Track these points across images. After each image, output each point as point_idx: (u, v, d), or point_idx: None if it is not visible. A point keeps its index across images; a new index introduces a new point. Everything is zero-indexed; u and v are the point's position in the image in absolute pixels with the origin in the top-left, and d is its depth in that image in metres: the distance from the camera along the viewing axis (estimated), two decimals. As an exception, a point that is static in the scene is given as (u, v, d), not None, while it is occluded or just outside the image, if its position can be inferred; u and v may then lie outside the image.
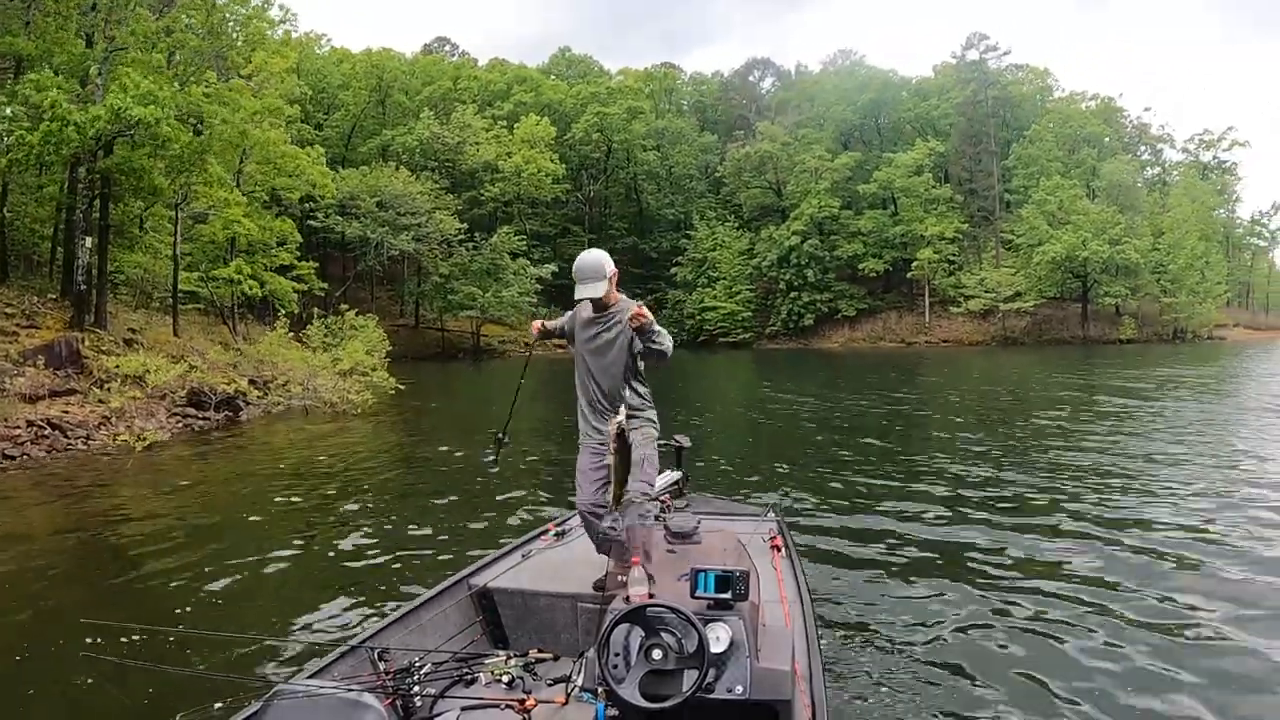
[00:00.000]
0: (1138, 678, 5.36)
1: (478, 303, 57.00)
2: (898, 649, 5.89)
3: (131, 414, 17.63)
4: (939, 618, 6.48)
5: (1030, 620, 6.35)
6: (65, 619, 6.87)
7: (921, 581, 7.36)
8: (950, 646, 5.92)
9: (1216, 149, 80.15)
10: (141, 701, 5.19)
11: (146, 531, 9.88)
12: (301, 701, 3.10)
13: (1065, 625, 6.23)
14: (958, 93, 71.99)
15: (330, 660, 4.07)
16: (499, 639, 5.09)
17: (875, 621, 6.44)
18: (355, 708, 3.06)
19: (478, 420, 21.59)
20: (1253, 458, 13.20)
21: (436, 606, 4.93)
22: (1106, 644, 5.89)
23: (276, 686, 3.24)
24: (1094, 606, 6.56)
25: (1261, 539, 8.42)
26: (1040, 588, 7.06)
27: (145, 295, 28.41)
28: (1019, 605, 6.65)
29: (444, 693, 3.91)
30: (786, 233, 69.54)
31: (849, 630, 6.27)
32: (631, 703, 3.24)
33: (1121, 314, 64.89)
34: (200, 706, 4.73)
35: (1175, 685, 5.24)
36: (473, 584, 5.21)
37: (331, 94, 66.65)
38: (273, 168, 34.02)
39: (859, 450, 15.11)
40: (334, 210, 50.27)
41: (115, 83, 18.96)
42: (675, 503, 6.68)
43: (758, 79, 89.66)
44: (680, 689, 3.24)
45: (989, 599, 6.85)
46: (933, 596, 6.98)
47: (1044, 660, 5.66)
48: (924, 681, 5.40)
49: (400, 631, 4.55)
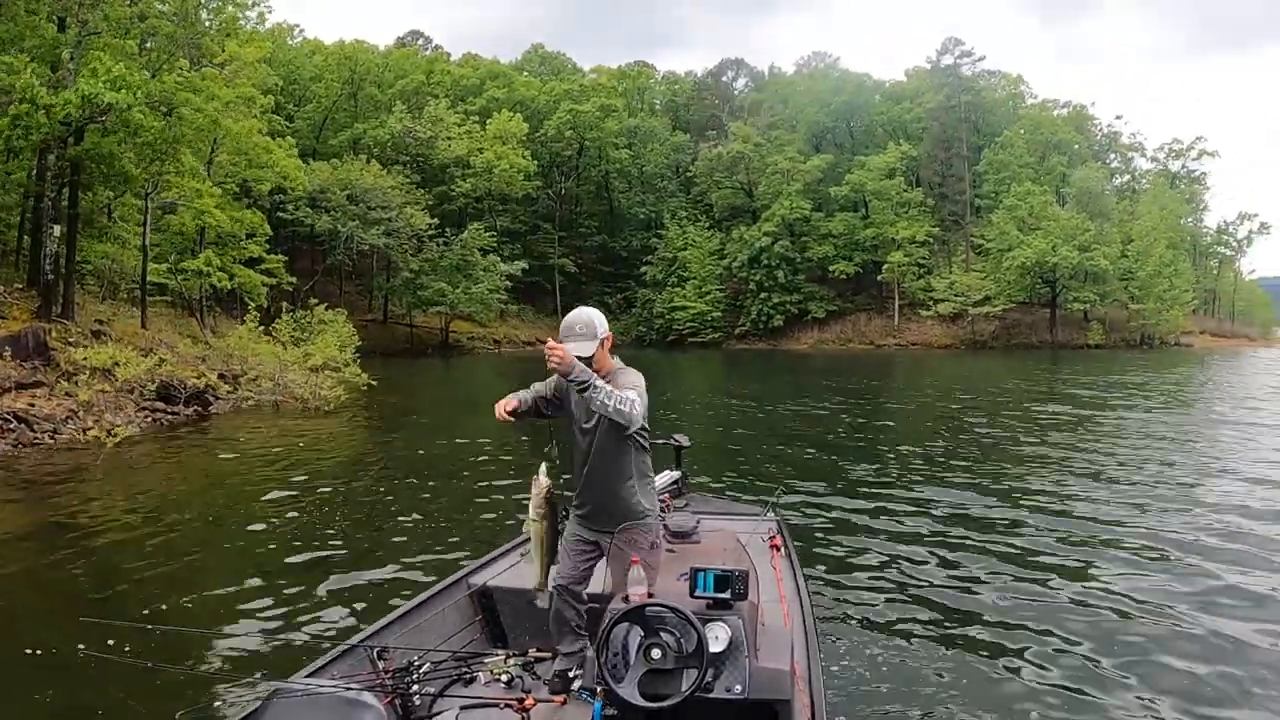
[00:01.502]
0: (1137, 678, 5.39)
1: (447, 299, 56.48)
2: (897, 648, 5.92)
3: (100, 408, 17.26)
4: (939, 617, 6.52)
5: (1030, 620, 6.37)
6: (61, 618, 6.77)
7: (921, 581, 7.40)
8: (950, 646, 5.95)
9: (1185, 158, 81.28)
10: (141, 701, 5.11)
11: (125, 528, 9.69)
12: (300, 700, 3.10)
13: (1065, 625, 6.25)
14: (931, 97, 72.25)
15: (329, 659, 4.07)
16: (498, 638, 5.13)
17: (874, 621, 6.47)
18: (354, 707, 3.05)
19: (451, 418, 21.57)
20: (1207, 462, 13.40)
21: (435, 605, 4.94)
22: (1106, 644, 5.91)
23: (275, 686, 3.26)
24: (1094, 606, 6.61)
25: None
26: (1040, 588, 7.12)
27: (113, 286, 27.91)
28: (1019, 605, 6.69)
29: (443, 692, 3.93)
30: (757, 233, 69.47)
31: (848, 629, 6.29)
32: (630, 702, 3.26)
33: (1090, 320, 65.52)
34: (200, 705, 4.84)
35: (1176, 687, 5.27)
36: (472, 583, 5.24)
37: (303, 85, 65.76)
38: (244, 159, 33.54)
39: (853, 452, 15.08)
40: (304, 203, 49.65)
41: (87, 67, 18.56)
42: (675, 502, 6.69)
43: (731, 79, 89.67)
44: (679, 688, 3.26)
45: (989, 599, 6.89)
46: (933, 596, 7.01)
47: (1044, 660, 5.68)
48: (923, 681, 5.43)
49: (399, 630, 4.55)
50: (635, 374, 4.17)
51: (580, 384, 3.82)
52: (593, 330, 4.13)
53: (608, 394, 3.83)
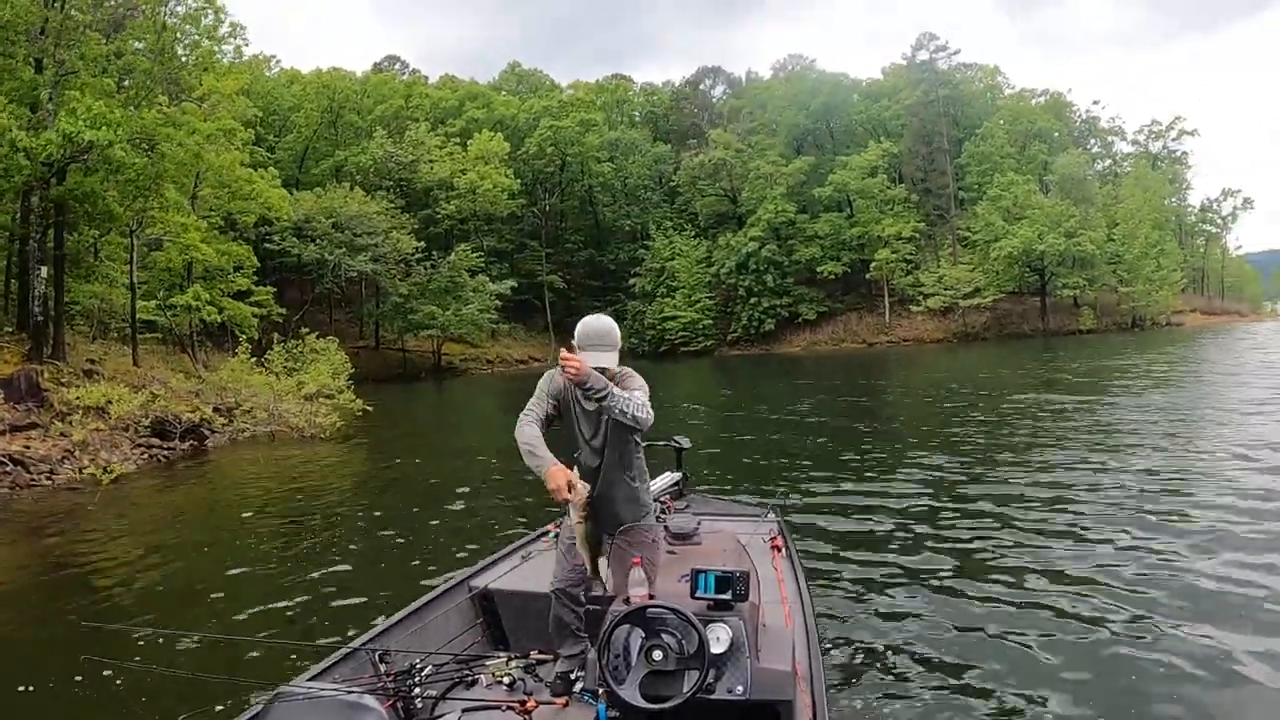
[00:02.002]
0: (1137, 680, 5.32)
1: (438, 321, 56.39)
2: (899, 648, 5.88)
3: (95, 446, 17.21)
4: (940, 617, 6.46)
5: (1030, 621, 6.31)
6: (64, 621, 6.89)
7: (922, 581, 7.34)
8: (951, 646, 5.90)
9: (1166, 139, 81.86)
10: (143, 703, 5.17)
11: (125, 560, 9.68)
12: (302, 703, 3.09)
13: (1066, 626, 6.18)
14: (909, 94, 72.47)
15: (331, 662, 4.08)
16: (499, 640, 5.13)
17: (875, 621, 6.43)
18: (356, 710, 3.04)
19: (446, 440, 21.63)
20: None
21: (437, 608, 4.96)
22: (1105, 645, 5.84)
23: (278, 688, 3.25)
24: (1094, 608, 6.50)
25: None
26: (1040, 588, 7.02)
27: (103, 326, 27.84)
28: (1020, 606, 6.62)
29: (445, 694, 3.91)
30: (744, 239, 69.60)
31: (849, 630, 6.25)
32: (632, 704, 3.26)
33: (1080, 305, 65.68)
34: (201, 708, 4.79)
35: (1176, 688, 5.18)
36: (473, 586, 5.26)
37: (283, 116, 65.82)
38: (227, 191, 33.50)
39: (852, 453, 15.05)
40: (290, 233, 49.58)
41: (65, 107, 18.55)
42: (675, 503, 6.72)
43: (709, 87, 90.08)
44: (681, 690, 3.26)
45: (989, 599, 6.82)
46: (933, 597, 6.96)
47: (1044, 660, 5.63)
48: (924, 681, 5.40)
49: (401, 633, 4.58)
50: (638, 376, 4.18)
51: (599, 394, 3.83)
52: (613, 340, 4.18)
53: (625, 400, 3.86)
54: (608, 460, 4.28)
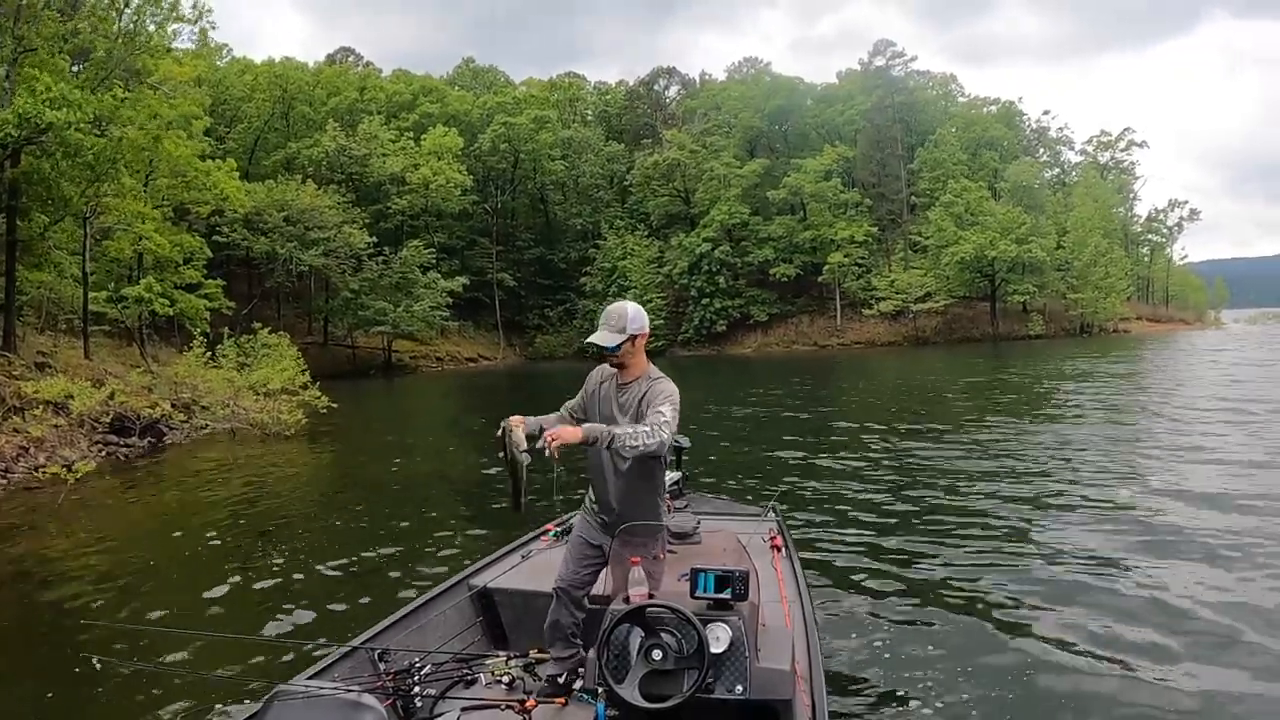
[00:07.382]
0: (1136, 680, 5.36)
1: (389, 318, 55.55)
2: (900, 648, 5.93)
3: (53, 443, 16.43)
4: (940, 618, 6.52)
5: (1030, 621, 6.39)
6: (65, 621, 6.81)
7: (922, 582, 7.40)
8: (951, 647, 5.94)
9: (1114, 149, 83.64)
10: (142, 702, 5.18)
11: (111, 558, 9.37)
12: (301, 702, 3.09)
13: (1065, 625, 6.26)
14: (864, 99, 73.12)
15: (330, 661, 4.11)
16: (499, 639, 5.20)
17: (876, 621, 6.47)
18: (355, 708, 3.03)
19: (406, 437, 21.44)
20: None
21: (436, 607, 5.01)
22: (1105, 644, 5.89)
23: (276, 687, 3.23)
24: (1094, 607, 6.61)
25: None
26: (1040, 588, 7.11)
27: (51, 317, 26.79)
28: (1020, 606, 6.70)
29: (444, 693, 3.98)
30: (697, 240, 69.69)
31: (850, 629, 6.30)
32: (631, 703, 3.31)
33: (1029, 311, 66.81)
34: (201, 707, 4.89)
35: (1176, 689, 5.23)
36: (472, 584, 5.29)
37: (233, 105, 64.10)
38: (181, 181, 32.44)
39: (850, 451, 14.95)
40: (240, 225, 48.44)
41: (23, 86, 17.73)
42: (675, 503, 6.71)
43: (663, 88, 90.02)
44: (680, 689, 3.32)
45: (989, 599, 6.89)
46: (936, 596, 7.02)
47: (1044, 660, 5.69)
48: (924, 681, 5.43)
49: (400, 632, 4.62)
50: (669, 383, 4.04)
51: (605, 445, 3.75)
52: (622, 323, 4.03)
53: (632, 436, 3.70)
54: (630, 473, 4.15)
